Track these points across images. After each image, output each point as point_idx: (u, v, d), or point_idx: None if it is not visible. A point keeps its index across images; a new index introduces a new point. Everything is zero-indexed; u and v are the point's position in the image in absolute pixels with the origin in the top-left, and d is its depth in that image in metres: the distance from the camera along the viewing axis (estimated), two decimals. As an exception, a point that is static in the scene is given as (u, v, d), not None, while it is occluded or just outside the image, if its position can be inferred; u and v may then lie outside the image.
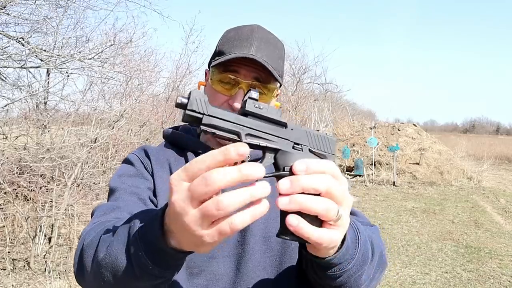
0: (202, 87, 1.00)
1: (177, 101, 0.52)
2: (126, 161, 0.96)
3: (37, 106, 5.04)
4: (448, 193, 9.44)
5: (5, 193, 4.26)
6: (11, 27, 4.32)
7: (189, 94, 0.53)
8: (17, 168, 4.29)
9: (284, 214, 0.54)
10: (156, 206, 0.87)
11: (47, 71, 5.01)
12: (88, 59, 4.57)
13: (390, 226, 6.40)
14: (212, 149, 0.92)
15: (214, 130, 0.53)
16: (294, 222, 0.51)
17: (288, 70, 20.78)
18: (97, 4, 5.27)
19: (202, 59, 9.25)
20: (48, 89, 4.85)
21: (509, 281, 4.27)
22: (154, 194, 0.89)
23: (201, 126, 0.53)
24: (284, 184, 0.51)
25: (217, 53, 0.91)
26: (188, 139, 0.96)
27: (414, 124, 14.15)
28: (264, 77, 0.88)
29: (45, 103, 5.23)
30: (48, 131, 5.10)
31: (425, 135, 13.10)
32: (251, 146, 0.55)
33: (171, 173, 0.90)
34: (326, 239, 0.53)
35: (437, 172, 10.89)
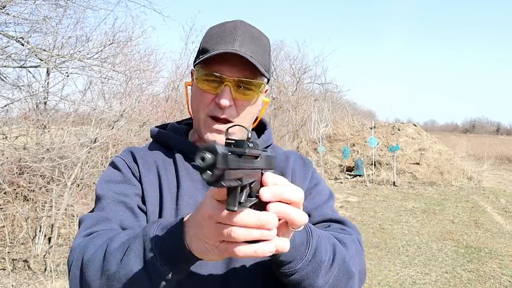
0: (189, 87, 0.98)
1: (199, 161, 0.43)
2: (113, 165, 0.93)
3: (37, 106, 5.04)
4: (448, 193, 9.43)
5: (5, 193, 4.25)
6: (11, 27, 4.32)
7: (214, 148, 0.44)
8: (17, 168, 4.28)
9: None
10: (145, 212, 0.86)
11: (47, 71, 5.01)
12: (88, 58, 4.57)
13: (390, 226, 6.40)
14: None
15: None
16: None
17: (288, 70, 20.78)
18: (97, 4, 5.27)
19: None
20: (48, 89, 4.85)
21: (510, 281, 4.26)
22: (143, 199, 0.87)
23: (221, 182, 0.46)
24: (265, 192, 0.56)
25: (201, 51, 0.88)
26: (176, 139, 0.94)
27: (414, 124, 14.14)
28: (249, 72, 0.85)
29: (45, 103, 5.22)
30: (48, 131, 5.10)
31: (425, 135, 13.10)
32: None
33: (158, 175, 0.90)
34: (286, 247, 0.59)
35: (437, 172, 10.89)
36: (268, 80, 0.91)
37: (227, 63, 0.83)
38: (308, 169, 1.01)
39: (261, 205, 0.56)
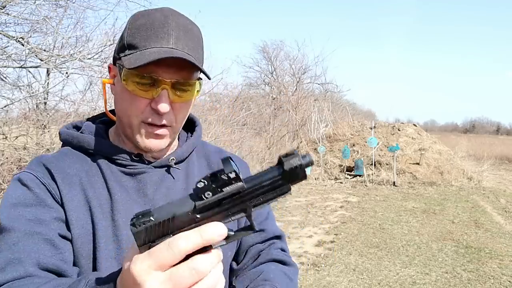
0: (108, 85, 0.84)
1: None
2: (21, 182, 0.73)
3: (37, 106, 5.04)
4: (448, 193, 9.43)
5: (5, 193, 4.25)
6: (11, 27, 4.33)
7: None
8: (17, 168, 4.28)
9: None
10: (71, 241, 0.72)
11: (47, 71, 5.01)
12: (88, 59, 4.57)
13: (390, 226, 6.40)
14: (128, 152, 0.81)
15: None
16: None
17: (288, 70, 20.79)
18: (97, 4, 5.27)
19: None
20: (48, 89, 4.85)
21: (510, 281, 4.26)
22: (67, 224, 0.72)
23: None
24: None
25: (127, 46, 0.74)
26: (100, 143, 0.80)
27: (414, 124, 14.14)
28: (186, 72, 0.75)
29: (45, 103, 5.23)
30: (48, 131, 5.10)
31: (425, 135, 13.10)
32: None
33: (83, 190, 0.75)
34: None
35: (437, 172, 10.89)
36: (209, 77, 0.80)
37: (163, 63, 0.72)
38: (248, 175, 0.95)
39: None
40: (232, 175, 0.44)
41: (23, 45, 4.10)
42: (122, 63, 0.74)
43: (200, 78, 0.80)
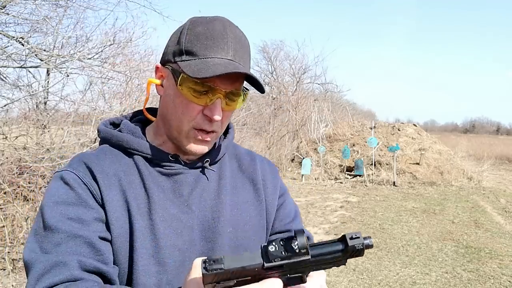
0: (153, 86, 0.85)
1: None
2: (63, 180, 0.75)
3: (37, 106, 5.05)
4: (448, 193, 9.43)
5: (4, 193, 4.25)
6: (11, 27, 4.33)
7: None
8: (17, 168, 4.28)
9: None
10: (111, 241, 0.74)
11: (47, 71, 5.01)
12: (88, 58, 4.57)
13: (390, 226, 6.40)
14: (166, 153, 0.85)
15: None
16: None
17: (288, 70, 20.79)
18: (97, 4, 5.27)
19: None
20: (48, 89, 4.86)
21: (510, 281, 4.26)
22: (107, 224, 0.74)
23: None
24: None
25: (185, 52, 0.76)
26: (139, 144, 0.82)
27: (414, 124, 14.15)
28: (239, 83, 0.78)
29: (45, 103, 5.23)
30: (48, 131, 5.10)
31: (425, 135, 13.10)
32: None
33: (122, 190, 0.77)
34: None
35: (437, 172, 10.89)
36: (263, 91, 0.81)
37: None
38: (277, 179, 0.97)
39: None
40: (303, 251, 0.53)
41: (23, 45, 4.10)
42: (180, 68, 0.76)
43: (246, 88, 0.83)
